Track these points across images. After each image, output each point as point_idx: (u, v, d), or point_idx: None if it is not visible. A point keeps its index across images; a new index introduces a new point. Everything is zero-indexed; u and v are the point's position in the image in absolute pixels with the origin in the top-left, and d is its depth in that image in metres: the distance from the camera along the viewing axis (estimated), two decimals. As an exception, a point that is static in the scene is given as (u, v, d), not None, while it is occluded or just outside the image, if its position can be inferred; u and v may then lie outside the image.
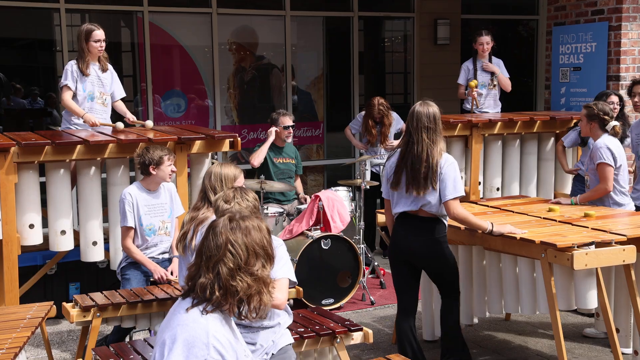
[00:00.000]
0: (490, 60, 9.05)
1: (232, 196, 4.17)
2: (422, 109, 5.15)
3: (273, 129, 8.06)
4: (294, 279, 4.29)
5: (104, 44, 7.15)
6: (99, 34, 7.07)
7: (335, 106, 12.42)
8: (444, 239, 5.31)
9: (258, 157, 7.89)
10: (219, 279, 2.69)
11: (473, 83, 8.79)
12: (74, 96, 7.06)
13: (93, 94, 7.13)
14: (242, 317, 2.80)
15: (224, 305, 2.72)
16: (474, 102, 8.89)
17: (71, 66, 7.06)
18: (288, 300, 4.48)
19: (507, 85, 9.11)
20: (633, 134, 7.32)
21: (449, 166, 5.13)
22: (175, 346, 2.62)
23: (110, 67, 7.34)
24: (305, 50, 12.19)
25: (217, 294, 2.68)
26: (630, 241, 5.18)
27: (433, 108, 5.17)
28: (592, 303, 5.22)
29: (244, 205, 4.10)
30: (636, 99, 7.17)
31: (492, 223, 5.33)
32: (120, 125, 7.04)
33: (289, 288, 4.31)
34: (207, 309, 2.70)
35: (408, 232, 5.26)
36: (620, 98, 7.48)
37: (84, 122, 6.99)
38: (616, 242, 5.15)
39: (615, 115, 6.94)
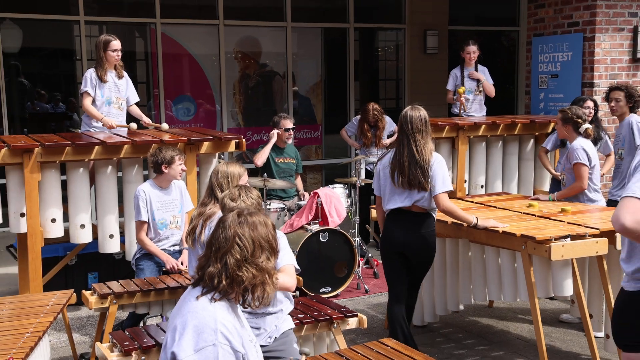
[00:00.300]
0: (476, 68, 9.10)
1: (238, 194, 4.20)
2: (414, 113, 5.22)
3: (275, 131, 8.12)
4: (297, 267, 4.33)
5: (120, 54, 7.22)
6: (116, 44, 7.17)
7: (333, 110, 12.44)
8: (434, 232, 5.39)
9: (261, 157, 7.95)
10: (226, 268, 2.71)
11: (461, 89, 8.84)
12: (93, 101, 7.12)
13: (110, 99, 7.21)
14: (247, 306, 2.83)
15: (230, 294, 2.74)
16: (462, 107, 8.94)
17: (90, 74, 7.12)
18: (294, 291, 4.50)
19: (491, 92, 9.17)
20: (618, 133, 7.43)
21: (438, 164, 5.21)
22: (186, 332, 2.65)
23: (125, 74, 7.40)
24: (305, 58, 12.19)
25: (224, 283, 2.70)
26: (602, 234, 5.25)
27: (423, 112, 5.23)
28: (568, 291, 5.29)
29: (249, 202, 4.12)
30: (612, 104, 7.22)
31: (477, 217, 5.42)
32: (133, 125, 7.17)
33: None
34: (215, 297, 2.72)
35: (402, 227, 5.29)
36: (595, 103, 7.53)
37: (102, 125, 7.06)
38: (590, 235, 5.23)
39: (589, 119, 7.03)
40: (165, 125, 7.32)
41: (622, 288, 3.40)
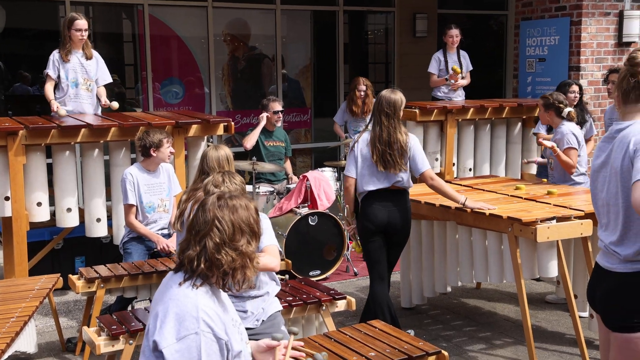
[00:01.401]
0: (458, 53, 9.13)
1: (222, 180, 4.14)
2: (386, 95, 5.28)
3: (264, 114, 8.06)
4: (280, 250, 4.32)
5: (85, 33, 6.93)
6: (81, 23, 6.88)
7: (322, 93, 12.42)
8: (410, 208, 5.49)
9: (250, 140, 7.90)
10: (205, 252, 2.65)
11: (457, 69, 8.84)
12: (58, 84, 6.95)
13: (77, 80, 6.98)
14: (227, 289, 2.77)
15: (210, 278, 2.68)
16: (455, 83, 8.97)
17: (53, 55, 6.93)
18: (283, 276, 4.47)
19: (465, 77, 9.25)
20: (606, 118, 7.40)
21: (415, 144, 5.31)
22: (167, 320, 2.59)
23: (95, 54, 7.15)
24: (294, 41, 12.14)
25: (203, 266, 2.64)
26: (587, 216, 5.23)
27: (396, 96, 5.28)
28: (553, 272, 5.32)
29: (232, 188, 4.07)
30: (609, 86, 7.24)
31: (465, 197, 5.44)
32: (115, 104, 7.03)
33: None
34: (196, 283, 2.66)
35: (384, 206, 5.31)
36: (580, 87, 7.53)
37: (52, 109, 6.83)
38: (575, 217, 5.23)
39: (575, 102, 7.02)
40: (115, 104, 7.06)
41: (608, 270, 3.36)
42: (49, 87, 6.94)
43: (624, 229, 3.23)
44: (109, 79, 7.33)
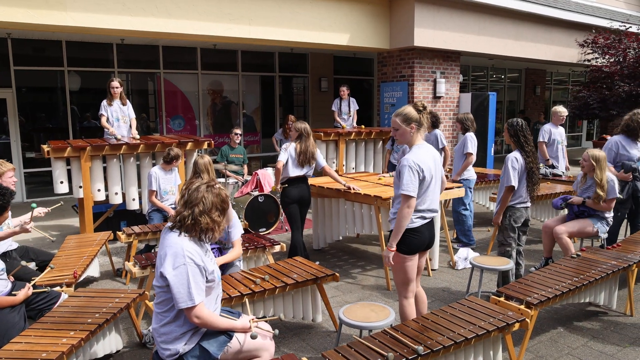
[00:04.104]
0: (349, 100, 9.16)
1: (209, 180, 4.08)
2: (302, 126, 5.28)
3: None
4: (243, 231, 4.15)
5: (118, 90, 6.91)
6: (114, 84, 6.89)
7: (266, 124, 12.34)
8: (310, 188, 5.49)
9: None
10: (192, 214, 2.60)
11: (345, 125, 8.88)
12: (108, 119, 6.90)
13: (117, 117, 6.95)
14: (202, 241, 2.66)
15: (191, 231, 2.60)
16: (342, 125, 9.04)
17: (103, 102, 6.93)
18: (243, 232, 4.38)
19: (355, 119, 9.25)
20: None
21: (318, 151, 5.36)
22: (167, 257, 2.54)
23: (128, 102, 7.07)
24: (250, 93, 12.05)
25: (189, 222, 2.59)
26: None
27: (306, 125, 5.30)
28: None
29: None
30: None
31: (345, 182, 5.59)
32: (137, 136, 6.89)
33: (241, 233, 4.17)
34: (184, 234, 2.60)
35: (299, 187, 5.31)
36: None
37: (110, 132, 6.82)
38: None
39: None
40: (137, 136, 6.91)
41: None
42: (103, 121, 6.88)
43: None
44: (133, 115, 7.16)
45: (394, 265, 3.35)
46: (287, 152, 5.31)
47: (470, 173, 6.37)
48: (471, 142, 6.21)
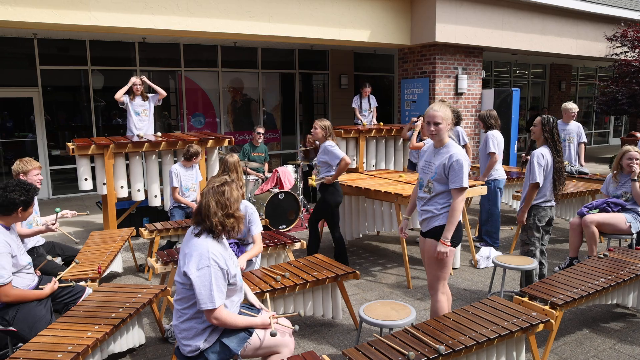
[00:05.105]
0: (369, 98, 9.18)
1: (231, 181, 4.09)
2: (321, 122, 5.18)
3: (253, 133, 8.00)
4: (262, 231, 4.18)
5: (140, 87, 7.16)
6: (135, 80, 7.13)
7: (286, 121, 12.35)
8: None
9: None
10: (218, 219, 2.64)
11: (365, 123, 8.79)
12: (131, 112, 7.17)
13: (138, 112, 7.19)
14: (228, 238, 2.72)
15: (219, 234, 2.65)
16: (363, 123, 9.01)
17: (126, 97, 7.14)
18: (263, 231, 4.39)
19: (374, 115, 9.25)
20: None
21: (334, 147, 5.14)
22: (193, 258, 2.57)
23: (148, 97, 7.30)
24: (269, 90, 12.07)
25: (219, 229, 2.64)
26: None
27: (328, 122, 5.21)
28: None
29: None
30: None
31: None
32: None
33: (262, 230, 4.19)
34: (208, 235, 2.64)
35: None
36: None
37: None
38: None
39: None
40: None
41: None
42: (121, 92, 7.07)
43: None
44: (156, 101, 7.39)
45: (443, 260, 3.35)
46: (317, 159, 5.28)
47: (499, 173, 6.07)
48: (493, 141, 5.94)
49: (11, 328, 3.26)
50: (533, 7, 10.70)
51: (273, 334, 2.65)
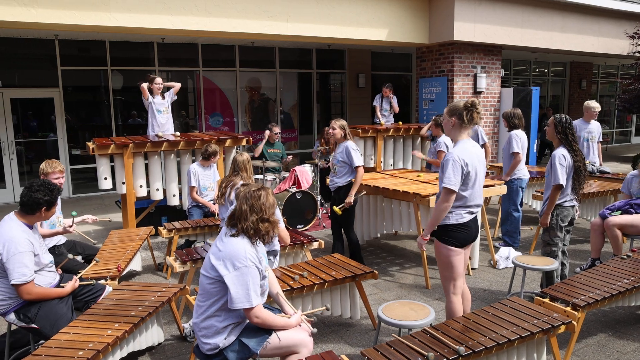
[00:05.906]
0: (390, 98, 9.13)
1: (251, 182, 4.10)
2: (338, 122, 5.15)
3: (267, 132, 7.98)
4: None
5: (160, 86, 7.23)
6: (156, 80, 7.22)
7: (303, 121, 12.36)
8: None
9: (257, 150, 7.86)
10: (252, 223, 2.66)
11: (383, 123, 8.75)
12: (152, 110, 7.23)
13: (160, 109, 7.23)
14: (261, 243, 2.75)
15: (254, 237, 2.67)
16: (381, 122, 8.97)
17: (148, 95, 7.19)
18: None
19: (396, 110, 9.21)
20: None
21: (353, 149, 5.12)
22: (229, 258, 2.59)
23: (166, 95, 7.37)
24: (287, 90, 12.10)
25: (251, 233, 2.66)
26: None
27: (344, 122, 5.18)
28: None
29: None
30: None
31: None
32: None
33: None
34: (244, 237, 2.66)
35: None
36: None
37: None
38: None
39: None
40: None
41: None
42: (145, 85, 7.17)
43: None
44: (172, 96, 7.46)
45: (445, 260, 3.32)
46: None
47: (522, 172, 5.99)
48: (516, 140, 5.87)
49: (33, 325, 3.31)
50: (553, 5, 10.55)
51: (314, 333, 2.70)
